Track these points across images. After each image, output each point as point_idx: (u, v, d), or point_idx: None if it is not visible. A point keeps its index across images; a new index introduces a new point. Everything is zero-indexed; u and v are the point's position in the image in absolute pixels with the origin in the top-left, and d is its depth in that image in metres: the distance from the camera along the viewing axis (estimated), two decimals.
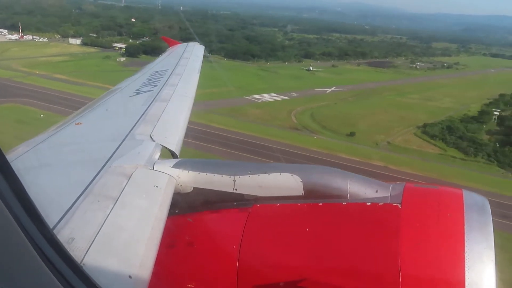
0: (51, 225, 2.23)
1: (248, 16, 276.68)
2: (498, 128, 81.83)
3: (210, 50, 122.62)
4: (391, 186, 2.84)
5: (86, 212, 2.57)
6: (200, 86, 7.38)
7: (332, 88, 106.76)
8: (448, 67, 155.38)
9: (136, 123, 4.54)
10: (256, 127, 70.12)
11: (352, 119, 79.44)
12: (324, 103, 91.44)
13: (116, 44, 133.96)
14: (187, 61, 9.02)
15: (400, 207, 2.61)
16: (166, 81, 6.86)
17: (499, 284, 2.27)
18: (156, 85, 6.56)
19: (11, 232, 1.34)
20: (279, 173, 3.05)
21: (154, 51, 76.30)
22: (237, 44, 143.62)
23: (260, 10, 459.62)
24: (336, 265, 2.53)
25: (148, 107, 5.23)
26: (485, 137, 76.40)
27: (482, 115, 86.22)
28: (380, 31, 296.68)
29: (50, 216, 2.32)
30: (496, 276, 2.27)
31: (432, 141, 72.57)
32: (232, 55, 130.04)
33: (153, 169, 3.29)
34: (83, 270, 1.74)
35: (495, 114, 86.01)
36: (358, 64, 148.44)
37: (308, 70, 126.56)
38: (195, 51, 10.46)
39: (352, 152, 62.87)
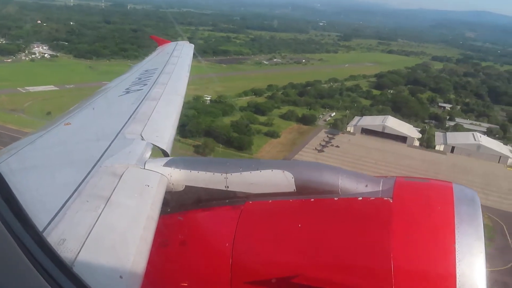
0: (41, 227, 2.22)
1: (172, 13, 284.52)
2: None
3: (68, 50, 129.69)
4: (381, 180, 2.86)
5: (77, 213, 2.53)
6: None
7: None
8: (296, 63, 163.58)
9: (126, 122, 4.49)
10: None
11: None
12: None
13: None
14: (177, 59, 8.93)
15: (391, 201, 2.62)
16: (156, 80, 6.80)
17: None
18: (146, 84, 6.49)
19: None
20: (270, 170, 3.04)
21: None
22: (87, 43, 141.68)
23: (231, 7, 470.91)
24: (329, 260, 2.54)
25: (138, 106, 5.20)
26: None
27: (196, 100, 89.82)
28: (330, 28, 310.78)
29: (39, 218, 2.29)
30: (486, 267, 2.29)
31: None
32: (82, 54, 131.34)
33: (144, 168, 3.25)
34: (74, 272, 1.72)
35: (206, 99, 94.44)
36: (202, 61, 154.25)
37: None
38: (185, 50, 10.32)
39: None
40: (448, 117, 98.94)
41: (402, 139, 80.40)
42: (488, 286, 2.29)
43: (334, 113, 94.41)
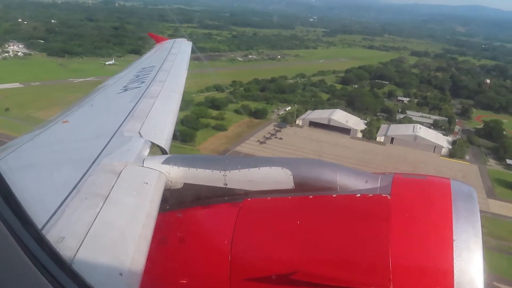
0: (39, 225, 2.22)
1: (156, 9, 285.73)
2: None
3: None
4: (380, 177, 2.88)
5: (76, 211, 2.53)
6: None
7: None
8: (271, 59, 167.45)
9: (124, 120, 4.47)
10: None
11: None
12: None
13: None
14: (175, 57, 8.91)
15: (390, 197, 2.65)
16: (154, 77, 6.79)
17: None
18: (144, 82, 6.48)
19: None
20: (269, 167, 3.05)
21: None
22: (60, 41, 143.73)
23: (224, 3, 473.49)
24: (327, 256, 2.56)
25: (136, 103, 5.18)
26: None
27: None
28: (318, 24, 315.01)
29: (38, 216, 2.28)
30: (484, 263, 2.32)
31: None
32: (56, 52, 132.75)
33: (142, 166, 3.25)
34: (73, 269, 1.73)
35: None
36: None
37: (107, 63, 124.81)
38: (183, 47, 10.34)
39: None
40: (400, 110, 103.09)
41: (346, 131, 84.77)
42: (486, 281, 2.30)
43: (289, 108, 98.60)
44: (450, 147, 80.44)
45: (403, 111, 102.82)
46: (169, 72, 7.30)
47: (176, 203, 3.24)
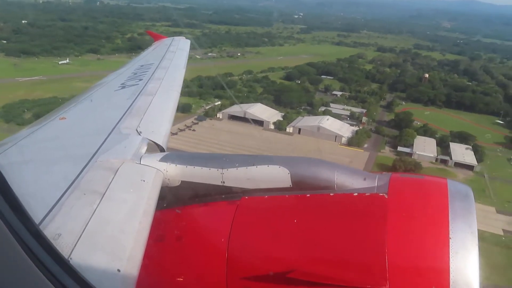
0: (37, 221, 2.21)
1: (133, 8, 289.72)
2: None
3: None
4: (377, 176, 2.92)
5: (73, 208, 2.53)
6: None
7: None
8: (229, 56, 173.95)
9: (122, 117, 4.47)
10: None
11: None
12: None
13: None
14: (173, 55, 8.94)
15: (387, 197, 2.67)
16: (152, 75, 6.82)
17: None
18: (142, 79, 6.50)
19: None
20: (266, 165, 3.07)
21: None
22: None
23: (213, 1, 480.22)
24: (324, 255, 2.57)
25: (133, 101, 5.19)
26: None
27: None
28: (299, 21, 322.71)
29: (35, 213, 2.28)
30: (480, 262, 2.33)
31: None
32: (13, 52, 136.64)
33: (140, 163, 3.26)
34: (71, 265, 1.72)
35: None
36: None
37: (60, 63, 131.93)
38: (181, 45, 10.47)
39: None
40: (324, 104, 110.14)
41: (260, 123, 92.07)
42: (481, 281, 2.32)
43: (219, 102, 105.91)
44: (351, 136, 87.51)
45: (327, 105, 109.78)
46: (167, 70, 7.35)
47: (174, 201, 3.27)
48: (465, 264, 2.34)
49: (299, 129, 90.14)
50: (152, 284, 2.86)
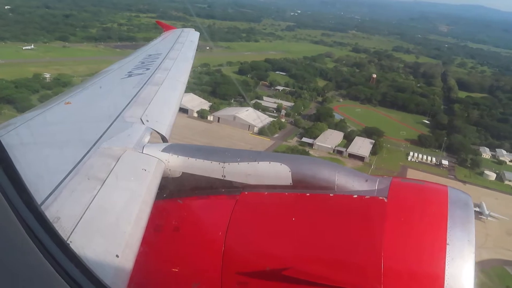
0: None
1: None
2: None
3: None
4: (378, 179, 2.91)
5: (73, 192, 2.53)
6: None
7: None
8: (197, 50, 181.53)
9: (127, 105, 4.47)
10: None
11: None
12: None
13: None
14: (182, 46, 8.91)
15: (386, 200, 2.67)
16: (159, 65, 6.81)
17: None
18: (149, 69, 6.48)
19: None
20: (268, 162, 3.08)
21: None
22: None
23: None
24: (320, 255, 2.58)
25: (139, 90, 5.18)
26: None
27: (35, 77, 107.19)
28: (294, 19, 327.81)
29: (36, 195, 2.13)
30: (475, 270, 2.34)
31: None
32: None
33: (142, 152, 3.28)
34: (70, 247, 1.71)
35: (45, 77, 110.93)
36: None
37: (24, 48, 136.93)
38: (190, 37, 10.35)
39: None
40: (257, 96, 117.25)
41: (185, 111, 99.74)
42: None
43: None
44: (262, 126, 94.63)
45: (260, 98, 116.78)
46: (175, 61, 7.39)
47: (174, 192, 3.27)
48: (461, 271, 2.35)
49: (218, 118, 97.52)
50: (148, 272, 2.87)
